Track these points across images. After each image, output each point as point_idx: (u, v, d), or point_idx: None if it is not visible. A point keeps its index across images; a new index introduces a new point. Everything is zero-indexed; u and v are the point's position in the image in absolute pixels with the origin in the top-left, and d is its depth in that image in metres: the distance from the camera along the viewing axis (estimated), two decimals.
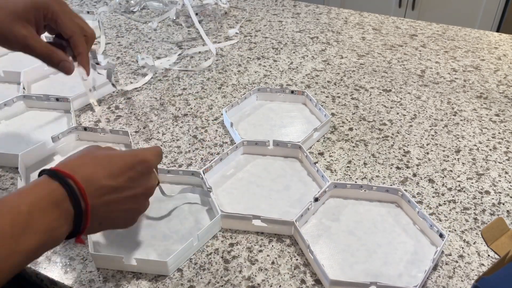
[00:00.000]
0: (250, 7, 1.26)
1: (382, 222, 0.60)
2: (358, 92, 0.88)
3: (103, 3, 1.28)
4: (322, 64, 0.97)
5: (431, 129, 0.78)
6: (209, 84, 0.90)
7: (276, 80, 0.91)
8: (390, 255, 0.56)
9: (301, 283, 0.52)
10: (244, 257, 0.56)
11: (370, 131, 0.77)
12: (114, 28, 1.13)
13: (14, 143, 0.73)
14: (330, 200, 0.63)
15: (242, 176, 0.67)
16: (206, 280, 0.53)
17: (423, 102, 0.85)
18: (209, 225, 0.56)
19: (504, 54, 1.02)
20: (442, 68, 0.96)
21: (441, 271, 0.54)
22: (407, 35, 1.11)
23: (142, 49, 1.02)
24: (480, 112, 0.82)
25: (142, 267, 0.53)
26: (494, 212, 0.62)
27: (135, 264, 0.53)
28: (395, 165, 0.70)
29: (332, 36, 1.10)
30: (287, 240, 0.58)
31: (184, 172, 0.65)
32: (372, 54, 1.01)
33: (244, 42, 1.06)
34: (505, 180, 0.67)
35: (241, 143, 0.70)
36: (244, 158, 0.71)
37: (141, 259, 0.52)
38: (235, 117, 0.80)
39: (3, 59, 0.98)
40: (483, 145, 0.74)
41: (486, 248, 0.57)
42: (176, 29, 1.13)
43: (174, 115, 0.81)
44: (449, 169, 0.69)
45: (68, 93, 0.85)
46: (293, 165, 0.70)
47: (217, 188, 0.65)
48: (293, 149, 0.70)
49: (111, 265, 0.54)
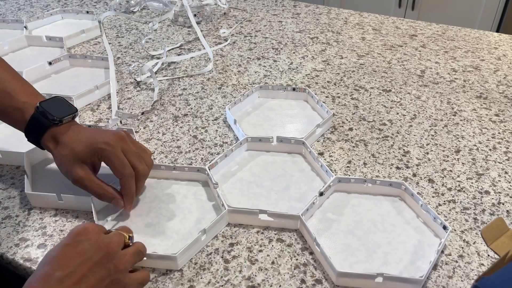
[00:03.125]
0: (250, 7, 1.26)
1: (386, 215, 0.61)
2: (358, 92, 0.88)
3: (103, 3, 1.29)
4: (322, 64, 0.97)
5: (431, 129, 0.78)
6: (209, 84, 0.90)
7: (276, 80, 0.91)
8: (395, 248, 0.56)
9: (301, 283, 0.53)
10: (244, 257, 0.56)
11: (370, 131, 0.77)
12: (114, 28, 1.13)
13: (16, 141, 0.73)
14: (335, 194, 0.64)
15: (246, 172, 0.68)
16: (206, 280, 0.53)
17: (423, 102, 0.85)
18: (216, 220, 0.57)
19: (504, 54, 1.02)
20: (442, 68, 0.96)
21: (441, 271, 0.54)
22: (407, 35, 1.11)
23: (137, 57, 1.02)
24: (480, 112, 0.82)
25: (151, 262, 0.53)
26: (494, 212, 0.62)
27: (144, 258, 0.53)
28: (395, 165, 0.70)
29: (332, 36, 1.10)
30: (287, 240, 0.58)
31: (189, 168, 0.65)
32: (372, 54, 1.01)
33: (244, 42, 1.06)
34: (505, 180, 0.67)
35: (245, 139, 0.71)
36: (248, 155, 0.71)
37: (150, 254, 0.53)
38: (237, 114, 0.80)
39: (4, 59, 0.98)
40: (483, 145, 0.74)
41: (486, 248, 0.57)
42: (176, 29, 1.13)
43: (174, 115, 0.81)
44: (449, 169, 0.69)
45: (69, 92, 0.85)
46: (297, 161, 0.70)
47: (222, 184, 0.66)
48: (296, 145, 0.71)
49: None
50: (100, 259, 0.45)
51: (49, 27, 1.13)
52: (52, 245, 0.57)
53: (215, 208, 0.62)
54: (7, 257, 0.56)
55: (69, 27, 1.13)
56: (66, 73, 0.93)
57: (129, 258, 0.48)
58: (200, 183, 0.66)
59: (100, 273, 0.44)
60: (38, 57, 0.98)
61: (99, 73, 0.93)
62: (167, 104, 0.84)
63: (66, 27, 1.13)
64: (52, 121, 0.59)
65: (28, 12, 1.22)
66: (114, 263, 0.45)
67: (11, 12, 1.22)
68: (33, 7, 1.26)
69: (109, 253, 0.46)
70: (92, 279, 0.43)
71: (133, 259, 0.48)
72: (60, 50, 1.01)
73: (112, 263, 0.45)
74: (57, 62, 0.93)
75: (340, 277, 0.51)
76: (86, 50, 1.03)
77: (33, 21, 1.11)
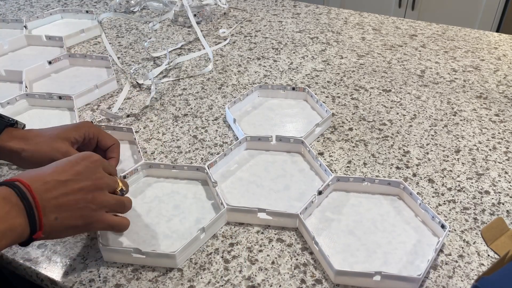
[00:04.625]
0: (250, 7, 1.26)
1: (384, 214, 0.61)
2: (358, 92, 0.88)
3: (103, 3, 1.29)
4: (322, 64, 0.97)
5: (431, 129, 0.78)
6: (209, 84, 0.90)
7: (276, 80, 0.91)
8: (393, 247, 0.56)
9: (301, 283, 0.53)
10: (244, 257, 0.56)
11: (370, 131, 0.77)
12: (114, 28, 1.13)
13: None
14: (333, 193, 0.64)
15: (245, 171, 0.68)
16: (206, 280, 0.53)
17: (423, 102, 0.85)
18: (215, 218, 0.57)
19: (504, 54, 1.02)
20: (442, 68, 0.96)
21: (441, 271, 0.54)
22: (407, 35, 1.11)
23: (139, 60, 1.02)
24: (480, 112, 0.82)
25: (150, 260, 0.53)
26: (494, 212, 0.62)
27: (144, 257, 0.53)
28: (395, 165, 0.70)
29: (332, 36, 1.10)
30: (287, 240, 0.58)
31: (189, 167, 0.66)
32: (372, 54, 1.01)
33: (244, 42, 1.06)
34: (505, 180, 0.67)
35: (244, 138, 0.71)
36: (247, 154, 0.72)
37: (149, 252, 0.53)
38: (237, 114, 0.80)
39: (4, 59, 0.98)
40: (483, 145, 0.74)
41: (486, 248, 0.57)
42: (176, 29, 1.13)
43: (174, 115, 0.81)
44: (449, 169, 0.69)
45: (69, 91, 0.85)
46: (296, 160, 0.70)
47: (221, 182, 0.66)
48: (295, 144, 0.71)
49: (120, 259, 0.54)
50: (86, 186, 0.50)
51: (49, 26, 1.13)
52: (52, 245, 0.57)
53: (214, 207, 0.62)
54: (7, 257, 0.56)
55: (69, 26, 1.13)
56: (66, 73, 0.93)
57: (109, 199, 0.52)
58: (200, 182, 0.66)
59: (78, 196, 0.49)
60: (37, 57, 0.98)
61: (98, 73, 0.93)
62: (167, 104, 0.84)
63: (66, 27, 1.13)
64: (9, 121, 0.60)
65: (28, 12, 1.22)
66: (94, 195, 0.50)
67: (11, 12, 1.22)
68: (33, 7, 1.25)
69: (95, 185, 0.51)
70: (71, 198, 0.48)
71: (113, 203, 0.53)
72: (59, 50, 1.01)
73: (92, 194, 0.50)
74: (57, 62, 0.93)
75: (339, 275, 0.52)
76: (86, 49, 1.03)
77: (33, 21, 1.11)
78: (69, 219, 0.48)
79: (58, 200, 0.47)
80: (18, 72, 0.87)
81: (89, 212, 0.50)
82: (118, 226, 0.54)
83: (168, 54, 0.97)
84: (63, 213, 0.48)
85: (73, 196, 0.48)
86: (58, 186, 0.48)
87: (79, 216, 0.49)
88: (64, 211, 0.48)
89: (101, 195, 0.51)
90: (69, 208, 0.48)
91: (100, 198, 0.51)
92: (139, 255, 0.53)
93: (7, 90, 0.87)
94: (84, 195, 0.49)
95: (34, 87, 0.88)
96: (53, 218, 0.47)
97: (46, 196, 0.46)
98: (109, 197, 0.52)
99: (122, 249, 0.54)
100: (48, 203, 0.46)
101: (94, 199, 0.50)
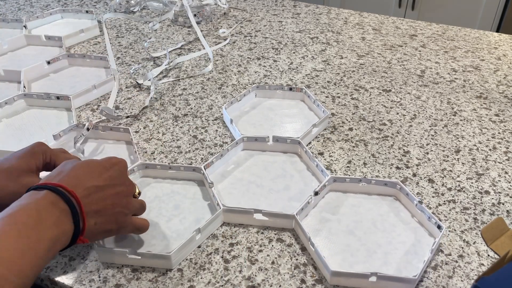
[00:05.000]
0: (250, 7, 1.26)
1: (381, 215, 0.61)
2: (358, 92, 0.88)
3: (103, 3, 1.28)
4: (322, 64, 0.97)
5: (431, 129, 0.78)
6: (209, 84, 0.90)
7: (276, 80, 0.91)
8: (389, 247, 0.56)
9: (301, 283, 0.52)
10: (244, 257, 0.56)
11: (370, 131, 0.77)
12: (114, 28, 1.13)
13: (15, 141, 0.73)
14: (330, 194, 0.64)
15: (242, 172, 0.68)
16: (206, 280, 0.53)
17: (423, 102, 0.85)
18: (211, 219, 0.57)
19: (504, 54, 1.02)
20: (442, 68, 0.96)
21: (441, 271, 0.54)
22: (407, 35, 1.11)
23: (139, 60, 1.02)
24: (480, 112, 0.82)
25: (146, 261, 0.53)
26: (494, 212, 0.62)
27: (139, 258, 0.53)
28: (395, 165, 0.70)
29: (332, 36, 1.10)
30: (287, 240, 0.58)
31: (185, 168, 0.65)
32: (372, 54, 1.01)
33: (244, 42, 1.06)
34: (505, 180, 0.67)
35: (241, 139, 0.71)
36: (244, 154, 0.71)
37: (145, 253, 0.53)
38: (234, 114, 0.80)
39: (3, 58, 0.98)
40: (483, 145, 0.74)
41: (486, 248, 0.57)
42: (176, 29, 1.13)
43: (174, 115, 0.81)
44: (449, 169, 0.69)
45: (68, 92, 0.85)
46: (293, 161, 0.70)
47: (218, 183, 0.66)
48: (292, 145, 0.71)
49: (115, 260, 0.54)
50: (122, 191, 0.51)
51: (48, 26, 1.13)
52: None
53: (210, 207, 0.62)
54: None
55: (69, 26, 1.13)
56: (65, 73, 0.93)
57: (135, 203, 0.54)
58: (196, 182, 0.66)
59: (115, 201, 0.50)
60: (37, 57, 0.98)
61: (98, 73, 0.93)
62: (167, 104, 0.84)
63: (65, 27, 1.13)
64: None
65: (28, 12, 1.22)
66: (128, 200, 0.52)
67: (11, 12, 1.22)
68: (33, 7, 1.25)
69: (128, 191, 0.53)
70: (108, 203, 0.49)
71: (137, 207, 0.55)
72: (59, 50, 1.01)
73: (126, 200, 0.52)
74: (56, 61, 0.93)
75: (334, 276, 0.51)
76: (85, 49, 1.03)
77: (32, 21, 1.11)
78: (106, 223, 0.49)
79: (98, 205, 0.48)
80: (16, 72, 0.87)
81: (122, 217, 0.51)
82: (143, 228, 0.55)
83: (168, 54, 0.97)
84: (101, 218, 0.49)
85: (110, 201, 0.50)
86: (97, 191, 0.49)
87: (114, 221, 0.50)
88: (101, 216, 0.49)
89: (130, 200, 0.53)
90: (106, 212, 0.49)
91: (131, 203, 0.53)
92: (135, 256, 0.53)
93: (6, 90, 0.86)
94: (119, 200, 0.51)
95: (32, 87, 0.88)
96: (93, 223, 0.48)
97: (87, 201, 0.47)
98: (134, 201, 0.54)
99: (118, 250, 0.54)
100: (90, 209, 0.47)
101: (127, 204, 0.52)
